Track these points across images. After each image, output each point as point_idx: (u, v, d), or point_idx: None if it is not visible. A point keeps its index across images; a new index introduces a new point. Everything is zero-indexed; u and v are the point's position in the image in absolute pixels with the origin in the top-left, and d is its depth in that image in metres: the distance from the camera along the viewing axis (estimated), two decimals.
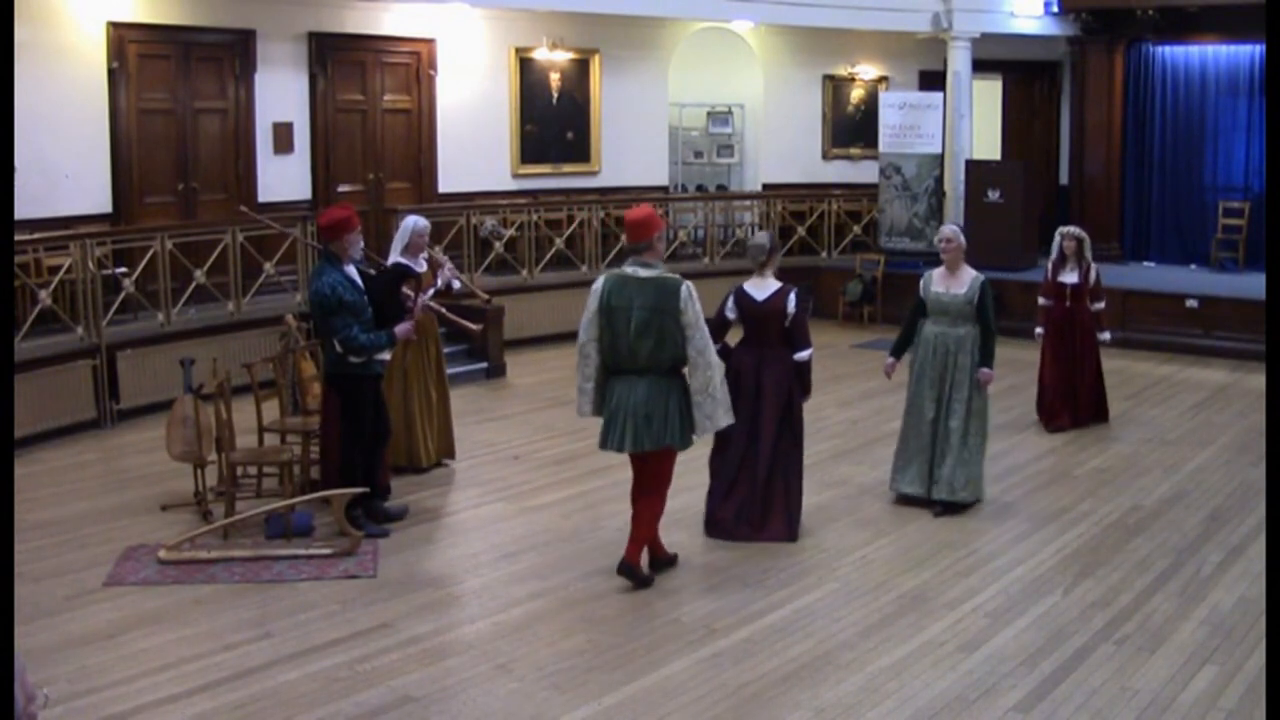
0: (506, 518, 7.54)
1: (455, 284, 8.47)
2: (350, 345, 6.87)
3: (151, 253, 10.37)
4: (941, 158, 15.08)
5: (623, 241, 13.20)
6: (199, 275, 10.57)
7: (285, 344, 9.00)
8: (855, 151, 16.60)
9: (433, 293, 8.06)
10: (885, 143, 15.19)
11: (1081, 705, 5.06)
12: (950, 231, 7.73)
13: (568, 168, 14.73)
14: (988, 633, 5.79)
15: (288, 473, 7.52)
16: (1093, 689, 5.20)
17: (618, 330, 6.10)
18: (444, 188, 13.66)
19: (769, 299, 6.96)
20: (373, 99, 13.15)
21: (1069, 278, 9.62)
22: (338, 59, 12.82)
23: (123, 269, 10.45)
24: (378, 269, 7.80)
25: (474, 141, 13.90)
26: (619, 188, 14.92)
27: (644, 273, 6.12)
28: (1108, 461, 8.83)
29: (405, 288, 7.50)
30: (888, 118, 15.19)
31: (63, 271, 9.84)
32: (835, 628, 5.84)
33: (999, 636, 5.74)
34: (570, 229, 13.68)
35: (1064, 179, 16.57)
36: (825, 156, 16.69)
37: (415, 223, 8.26)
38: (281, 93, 12.40)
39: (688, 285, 6.10)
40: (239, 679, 5.28)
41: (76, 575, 6.48)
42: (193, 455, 7.41)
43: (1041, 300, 9.85)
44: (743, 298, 7.01)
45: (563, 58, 14.51)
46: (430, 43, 13.48)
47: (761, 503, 7.00)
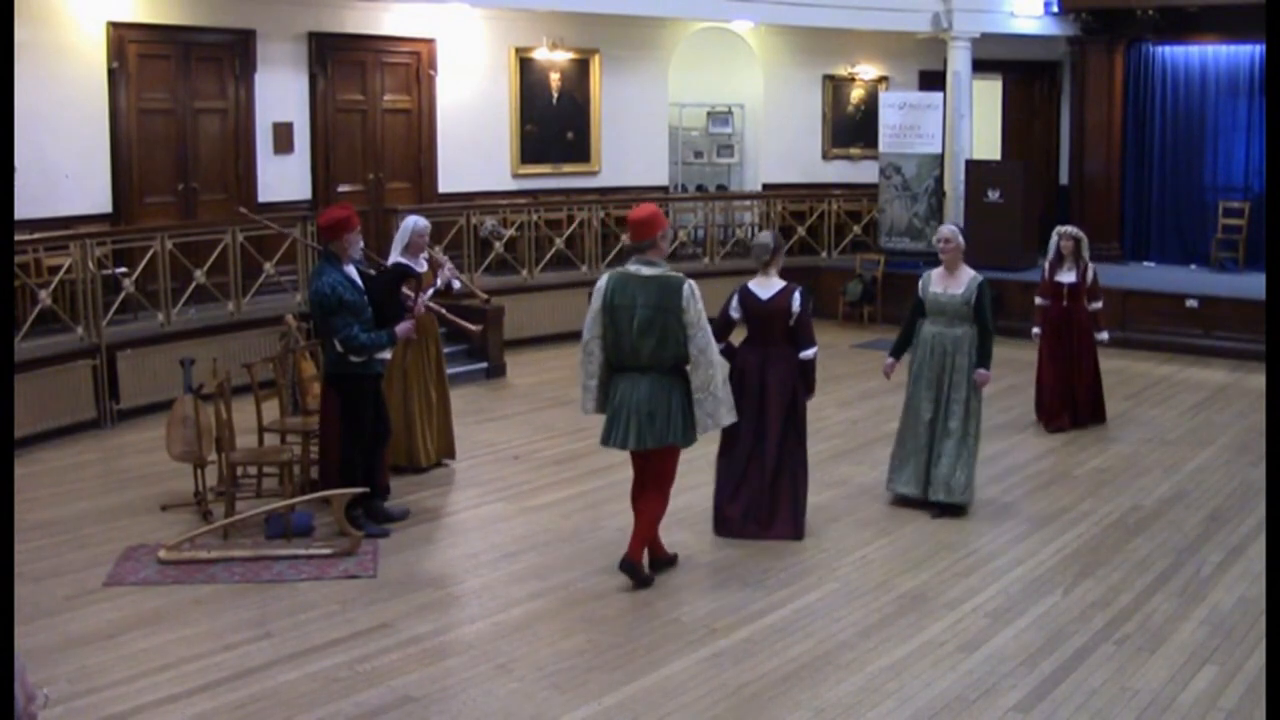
0: (506, 518, 7.55)
1: (455, 284, 8.47)
2: (351, 344, 6.88)
3: (151, 253, 10.37)
4: (941, 158, 15.07)
5: (623, 241, 13.31)
6: (199, 275, 10.57)
7: (285, 344, 9.00)
8: (855, 151, 16.60)
9: (432, 292, 8.06)
10: (885, 143, 15.18)
11: (1081, 705, 5.06)
12: (949, 231, 7.69)
13: (568, 168, 14.73)
14: (988, 633, 5.79)
15: (288, 473, 7.52)
16: (1093, 689, 5.20)
17: (621, 328, 6.11)
18: (444, 188, 13.66)
19: (773, 298, 6.97)
20: (373, 99, 13.15)
21: (1066, 277, 9.59)
22: (338, 59, 12.82)
23: (123, 269, 10.45)
24: (377, 269, 7.80)
25: (474, 141, 13.90)
26: (619, 188, 14.92)
27: (647, 271, 6.14)
28: (1108, 461, 8.83)
29: (405, 287, 7.51)
30: (888, 118, 15.19)
31: (63, 271, 9.84)
32: (835, 628, 5.85)
33: (999, 636, 5.74)
34: (570, 229, 13.68)
35: (1064, 179, 16.56)
36: (825, 156, 16.69)
37: (415, 223, 8.28)
38: (281, 93, 12.41)
39: (690, 284, 6.12)
40: (239, 679, 5.28)
41: (76, 575, 6.48)
42: (193, 455, 7.41)
43: (1039, 300, 9.82)
44: (747, 297, 7.02)
45: (563, 58, 14.52)
46: (430, 43, 13.48)
47: (769, 502, 7.03)
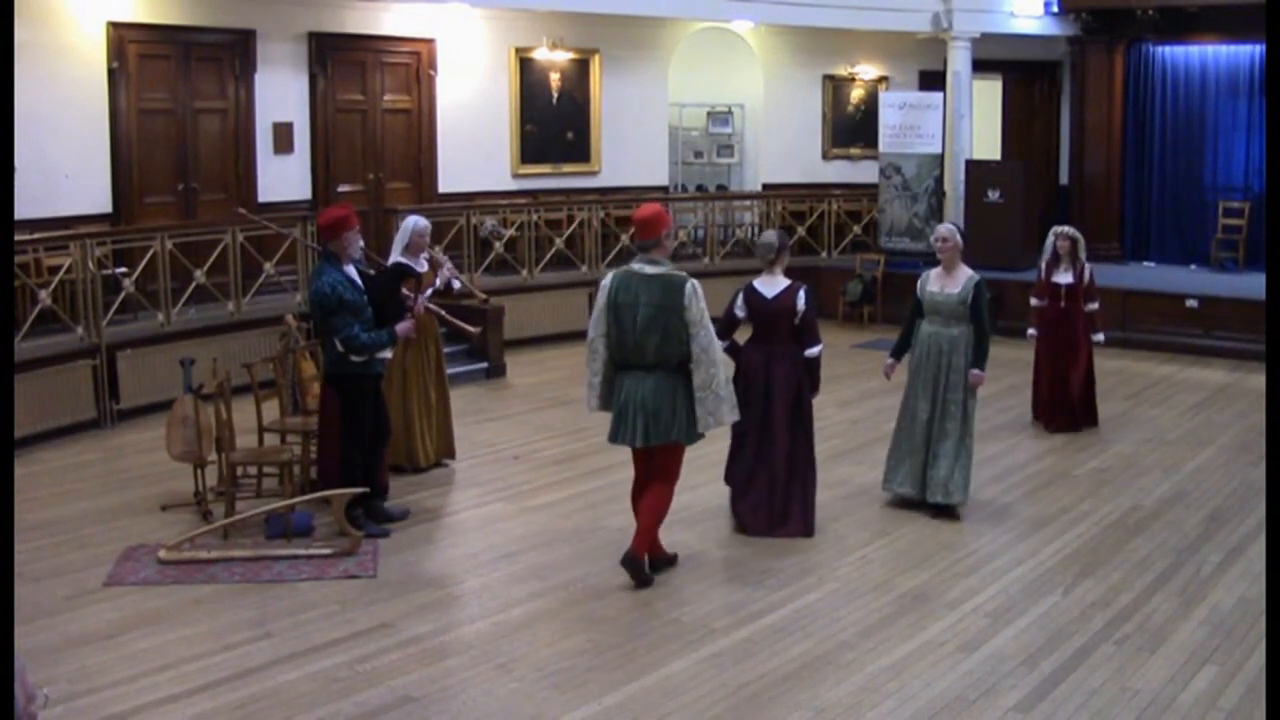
0: (506, 518, 7.55)
1: (455, 284, 8.47)
2: (352, 344, 6.88)
3: (151, 253, 10.37)
4: (941, 158, 15.07)
5: (623, 241, 13.32)
6: (199, 275, 10.57)
7: (285, 344, 9.00)
8: (855, 151, 16.60)
9: (431, 292, 8.06)
10: (885, 143, 15.18)
11: (1081, 705, 5.06)
12: (946, 230, 7.63)
13: (568, 168, 14.73)
14: (988, 633, 5.79)
15: (288, 473, 7.52)
16: (1093, 689, 5.20)
17: (624, 326, 6.14)
18: (444, 188, 13.66)
19: (778, 296, 7.00)
20: (373, 99, 13.15)
21: (1063, 278, 9.53)
22: (338, 59, 12.82)
23: (123, 269, 10.45)
24: (377, 269, 7.80)
25: (474, 141, 13.90)
26: (619, 188, 14.92)
27: (650, 269, 6.17)
28: (1107, 461, 8.83)
29: (405, 287, 7.52)
30: (888, 118, 15.18)
31: (63, 271, 9.84)
32: (835, 628, 5.85)
33: (999, 636, 5.74)
34: (570, 229, 13.68)
35: (1064, 179, 16.56)
36: (825, 156, 16.69)
37: (416, 223, 8.29)
38: (281, 93, 12.40)
39: (693, 283, 6.14)
40: (239, 679, 5.28)
41: (76, 575, 6.48)
42: (193, 455, 7.41)
43: (1034, 301, 9.76)
44: (752, 295, 7.05)
45: (563, 58, 14.52)
46: (430, 43, 13.48)
47: (782, 501, 7.09)
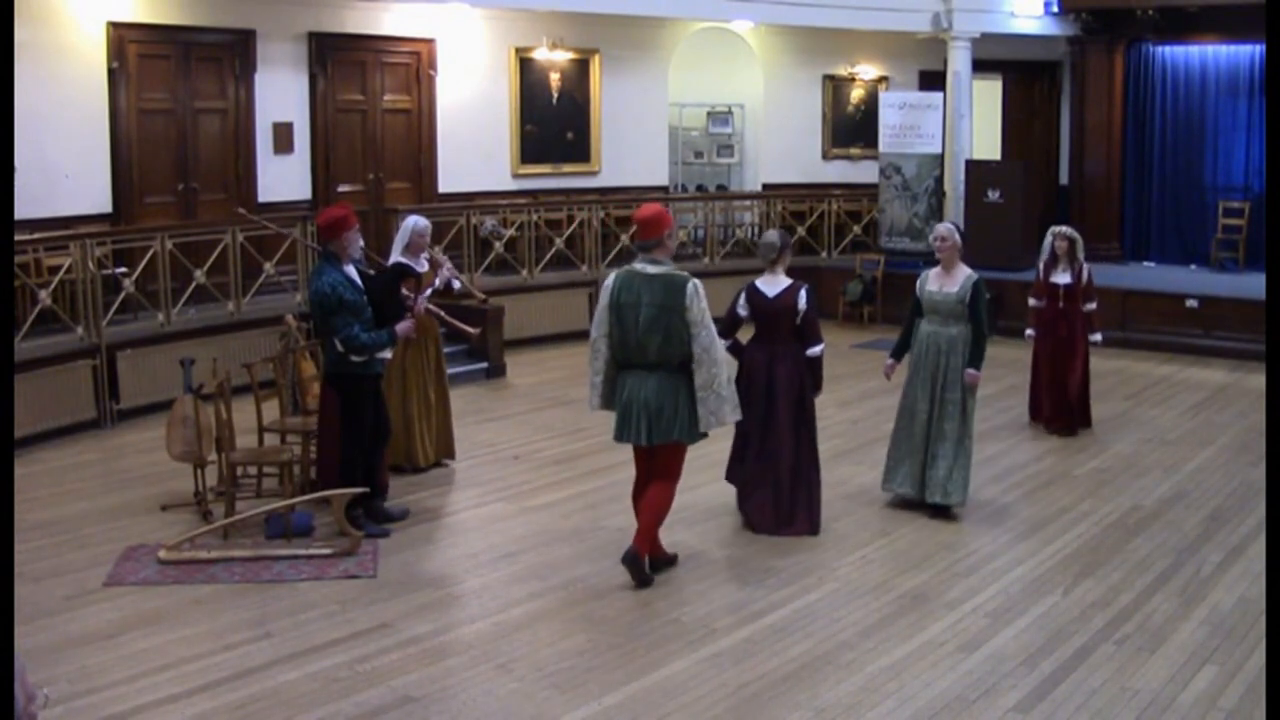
0: (506, 518, 7.54)
1: (455, 284, 8.47)
2: (352, 344, 6.88)
3: (151, 253, 10.37)
4: (941, 158, 15.07)
5: (623, 241, 13.32)
6: (199, 275, 10.57)
7: (285, 344, 9.00)
8: (855, 151, 16.60)
9: (430, 292, 8.06)
10: (885, 143, 15.18)
11: (1081, 705, 5.06)
12: (945, 230, 7.61)
13: (568, 168, 14.73)
14: (988, 633, 5.79)
15: (288, 473, 7.52)
16: (1093, 689, 5.20)
17: (626, 326, 6.16)
18: (444, 188, 13.66)
19: (780, 295, 7.02)
20: (373, 99, 13.15)
21: (1061, 278, 9.50)
22: (338, 59, 12.82)
23: (123, 269, 10.45)
24: (377, 269, 7.80)
25: (474, 141, 13.90)
26: (619, 188, 14.92)
27: (652, 269, 6.19)
28: (1107, 461, 8.83)
29: (405, 287, 7.52)
30: (888, 118, 15.18)
31: (63, 271, 9.84)
32: (835, 628, 5.85)
33: (999, 636, 5.74)
34: (570, 229, 13.67)
35: (1064, 179, 16.55)
36: (825, 156, 16.69)
37: (416, 223, 8.29)
38: (281, 93, 12.40)
39: (695, 283, 6.15)
40: (239, 679, 5.28)
41: (76, 575, 6.48)
42: (193, 455, 7.41)
43: (1032, 301, 9.74)
44: (754, 294, 7.07)
45: (563, 58, 14.51)
46: (430, 43, 13.48)
47: (788, 500, 7.11)
